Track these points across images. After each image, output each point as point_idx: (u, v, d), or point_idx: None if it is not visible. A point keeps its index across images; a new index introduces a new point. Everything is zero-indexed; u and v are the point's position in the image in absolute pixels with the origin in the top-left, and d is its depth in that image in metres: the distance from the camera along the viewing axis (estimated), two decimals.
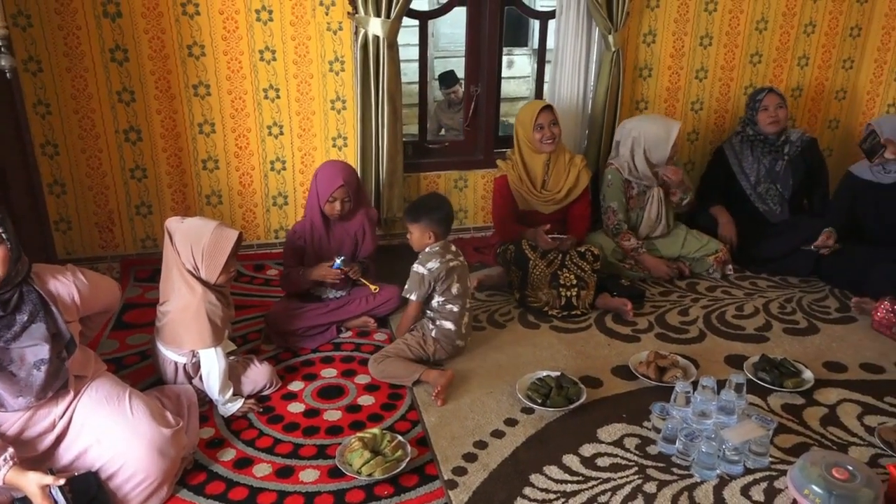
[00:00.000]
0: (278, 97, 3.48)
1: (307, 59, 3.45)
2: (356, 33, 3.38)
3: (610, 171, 3.57)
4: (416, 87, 3.95)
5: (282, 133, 3.55)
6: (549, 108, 3.35)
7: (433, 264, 2.73)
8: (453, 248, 2.84)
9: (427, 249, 2.79)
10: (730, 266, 3.61)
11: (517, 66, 8.28)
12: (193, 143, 3.46)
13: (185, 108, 3.38)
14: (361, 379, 2.70)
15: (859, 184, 3.45)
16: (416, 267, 2.76)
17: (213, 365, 2.40)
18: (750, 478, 2.18)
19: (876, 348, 2.94)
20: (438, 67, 7.59)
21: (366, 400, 2.57)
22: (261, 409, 2.49)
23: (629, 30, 3.73)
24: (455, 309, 2.77)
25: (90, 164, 3.37)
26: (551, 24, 3.74)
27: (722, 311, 3.25)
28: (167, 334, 2.41)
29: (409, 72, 4.21)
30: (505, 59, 8.28)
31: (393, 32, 3.34)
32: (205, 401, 2.49)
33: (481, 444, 2.32)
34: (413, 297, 2.77)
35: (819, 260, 3.49)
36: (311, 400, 2.57)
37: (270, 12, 3.32)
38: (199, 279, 2.36)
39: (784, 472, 2.18)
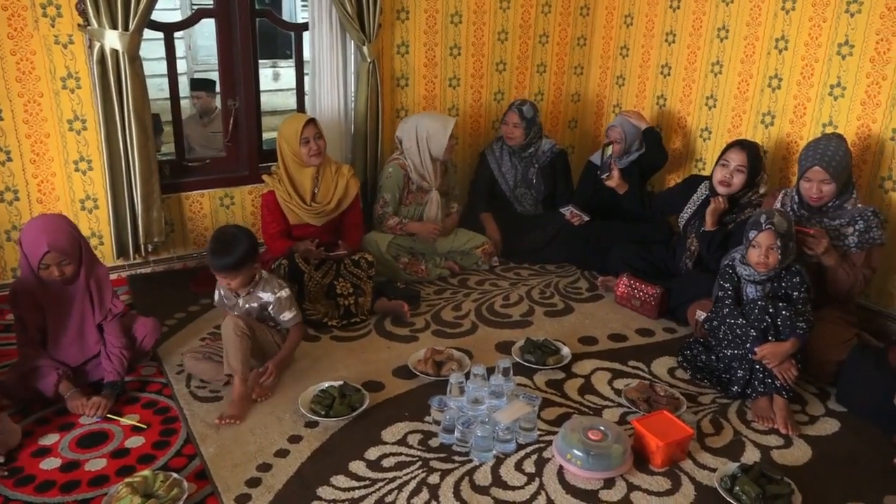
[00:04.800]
0: (1, 119, 3.09)
1: (33, 76, 3.10)
2: (90, 47, 3.11)
3: (392, 165, 3.67)
4: (184, 103, 3.72)
5: (10, 159, 3.16)
6: (312, 121, 3.34)
7: (282, 283, 2.82)
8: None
9: (265, 276, 2.79)
10: (495, 258, 3.88)
11: (285, 79, 8.16)
12: None
13: None
14: (128, 419, 2.49)
15: (596, 171, 3.87)
16: (281, 293, 2.77)
17: None
18: (522, 453, 2.36)
19: (620, 320, 3.33)
20: None
21: (134, 442, 2.37)
22: (6, 474, 2.19)
23: (383, 41, 3.85)
24: None
25: None
26: (306, 35, 3.73)
27: (491, 302, 3.48)
28: None
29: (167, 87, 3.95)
30: (270, 71, 8.19)
31: (133, 46, 3.12)
32: None
33: (265, 467, 2.25)
34: (300, 319, 2.84)
35: (570, 247, 3.87)
36: (69, 452, 2.31)
37: None
38: None
39: (551, 443, 2.39)
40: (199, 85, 4.66)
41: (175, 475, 2.14)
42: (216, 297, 2.86)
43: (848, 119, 3.24)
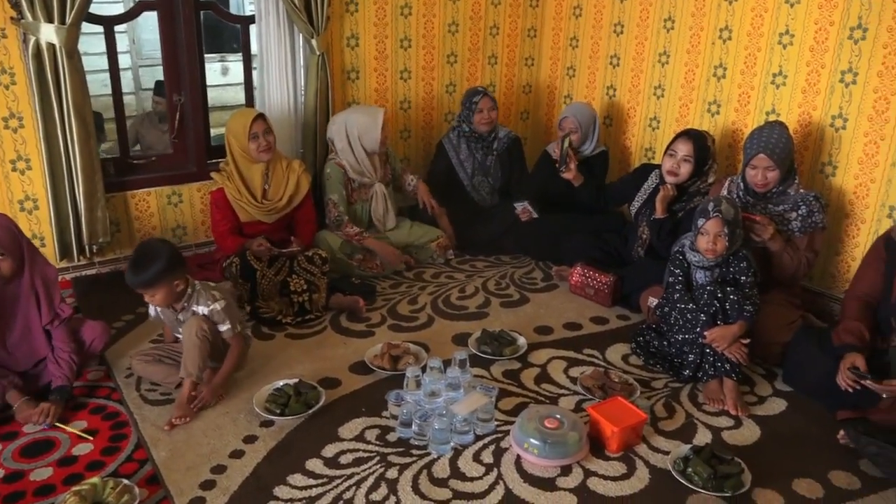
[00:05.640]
0: None
1: None
2: (25, 41, 3.00)
3: (329, 165, 3.62)
4: (129, 99, 3.61)
5: None
6: (261, 116, 3.29)
7: (218, 292, 2.63)
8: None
9: (198, 289, 2.61)
10: (451, 251, 3.88)
11: (234, 73, 8.00)
12: None
13: None
14: (76, 426, 2.41)
15: (552, 161, 3.90)
16: (216, 305, 2.58)
17: None
18: (480, 444, 2.36)
19: (574, 308, 3.36)
20: (146, 76, 7.06)
21: (82, 449, 2.31)
22: None
23: (332, 34, 3.80)
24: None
25: None
26: (253, 28, 3.66)
27: (447, 294, 3.48)
28: None
29: (123, 83, 3.81)
30: (219, 65, 8.02)
31: (71, 40, 3.01)
32: None
33: (219, 469, 2.21)
34: (238, 328, 2.66)
35: (524, 238, 3.89)
36: (12, 462, 2.23)
37: None
38: None
39: (508, 433, 2.40)
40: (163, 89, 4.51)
41: (125, 481, 2.08)
42: (151, 311, 2.72)
43: (790, 107, 3.33)
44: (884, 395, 2.37)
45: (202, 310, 2.58)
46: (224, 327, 2.61)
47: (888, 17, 2.92)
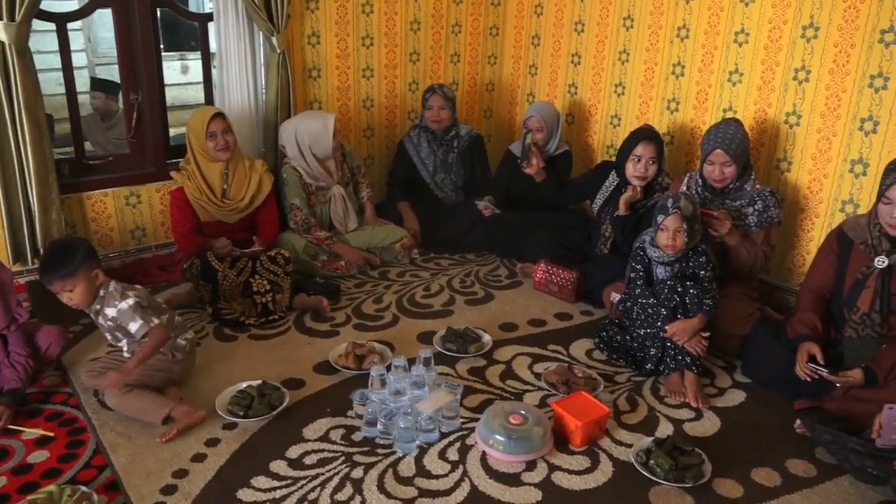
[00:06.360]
0: None
1: None
2: None
3: (285, 169, 3.58)
4: (83, 98, 3.51)
5: None
6: (220, 115, 3.24)
7: (132, 290, 2.48)
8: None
9: (110, 290, 2.45)
10: (415, 250, 3.87)
11: (195, 72, 7.87)
12: None
13: None
14: (30, 434, 2.35)
15: (515, 162, 3.92)
16: (122, 304, 2.42)
17: None
18: (445, 441, 2.37)
19: (539, 305, 3.38)
20: (104, 75, 6.88)
21: (38, 456, 2.25)
22: None
23: (292, 31, 3.76)
24: (176, 319, 2.63)
25: None
26: (212, 26, 3.60)
27: (412, 293, 3.47)
28: None
29: (80, 82, 3.71)
30: (178, 63, 7.89)
31: (21, 37, 2.93)
32: None
33: (181, 473, 2.18)
34: (156, 321, 2.45)
35: (489, 235, 3.90)
36: None
37: None
38: None
39: (473, 429, 2.41)
40: (98, 85, 4.41)
41: (83, 488, 2.04)
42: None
43: (746, 104, 3.40)
44: (837, 385, 2.44)
45: (112, 312, 2.44)
46: (135, 326, 2.43)
47: (838, 16, 2.99)
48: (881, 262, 2.45)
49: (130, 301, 2.44)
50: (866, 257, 2.50)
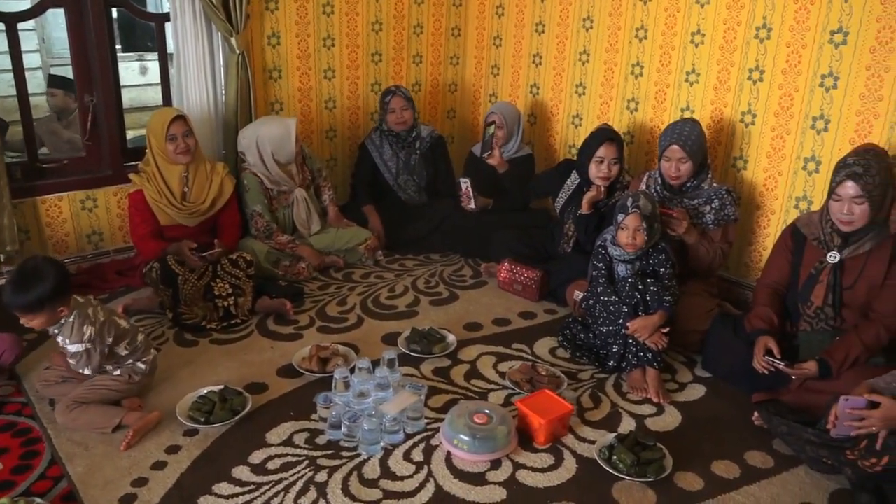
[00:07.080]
0: None
1: None
2: None
3: (245, 175, 3.54)
4: (40, 100, 3.42)
5: None
6: (182, 117, 3.19)
7: (87, 331, 2.34)
8: (80, 298, 2.39)
9: (70, 320, 2.33)
10: (380, 252, 3.86)
11: (153, 73, 7.73)
12: None
13: None
14: None
15: (479, 160, 3.93)
16: (73, 347, 2.34)
17: None
18: (410, 442, 2.36)
19: (503, 304, 3.40)
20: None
21: None
22: None
23: (252, 32, 3.72)
24: (139, 340, 2.51)
25: None
26: (169, 26, 3.54)
27: (376, 294, 3.46)
28: None
29: (34, 83, 3.61)
30: (137, 64, 7.75)
31: None
32: None
33: (140, 482, 2.14)
34: (88, 372, 2.39)
35: (453, 236, 3.91)
36: None
37: None
38: None
39: (438, 430, 2.41)
40: (56, 82, 4.31)
41: (38, 500, 2.00)
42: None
43: (703, 103, 3.46)
44: (793, 377, 2.50)
45: (61, 340, 2.35)
46: (73, 361, 2.38)
47: (790, 17, 3.07)
48: (833, 257, 2.51)
49: (80, 347, 2.35)
50: (819, 253, 2.56)
